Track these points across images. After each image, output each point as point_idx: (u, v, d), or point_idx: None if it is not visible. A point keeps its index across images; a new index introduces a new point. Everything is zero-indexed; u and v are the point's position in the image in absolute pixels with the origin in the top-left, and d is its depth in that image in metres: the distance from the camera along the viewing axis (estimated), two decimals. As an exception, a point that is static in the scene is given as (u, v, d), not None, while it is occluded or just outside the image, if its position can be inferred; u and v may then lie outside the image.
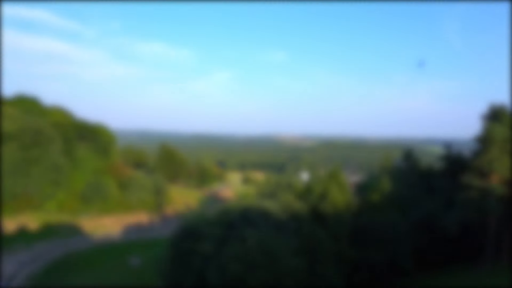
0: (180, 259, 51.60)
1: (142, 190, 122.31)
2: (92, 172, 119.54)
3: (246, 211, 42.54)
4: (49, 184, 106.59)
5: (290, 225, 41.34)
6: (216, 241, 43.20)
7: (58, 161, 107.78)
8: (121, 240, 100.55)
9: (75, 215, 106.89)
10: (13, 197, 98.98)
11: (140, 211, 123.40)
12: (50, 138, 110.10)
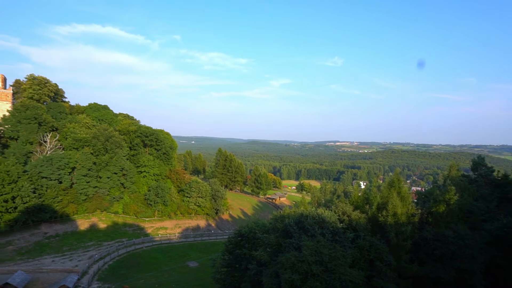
0: (236, 264, 52.39)
1: (200, 195, 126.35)
2: (155, 176, 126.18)
3: (301, 219, 42.02)
4: (117, 187, 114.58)
5: (346, 235, 40.01)
6: (271, 248, 43.21)
7: (125, 166, 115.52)
8: (180, 242, 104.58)
9: (139, 217, 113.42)
10: (86, 198, 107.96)
11: (198, 215, 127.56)
12: (118, 144, 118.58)
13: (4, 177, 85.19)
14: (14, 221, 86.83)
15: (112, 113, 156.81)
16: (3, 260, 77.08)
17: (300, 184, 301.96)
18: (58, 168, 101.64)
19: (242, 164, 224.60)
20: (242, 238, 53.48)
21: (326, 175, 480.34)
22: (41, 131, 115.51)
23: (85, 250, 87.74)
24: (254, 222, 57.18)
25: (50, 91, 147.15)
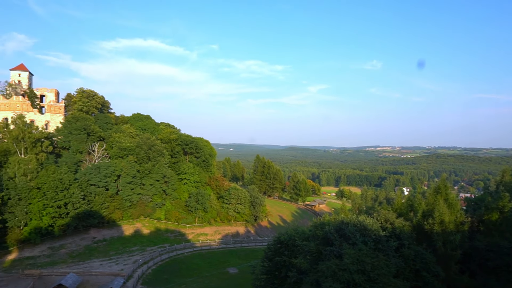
0: (276, 271, 52.11)
1: (239, 202, 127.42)
2: (195, 183, 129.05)
3: (342, 227, 41.13)
4: (159, 194, 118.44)
5: (390, 244, 38.54)
6: (311, 255, 42.62)
7: (166, 173, 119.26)
8: (220, 248, 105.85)
9: (180, 223, 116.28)
10: (131, 204, 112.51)
11: (237, 221, 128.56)
12: (160, 152, 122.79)
13: (58, 185, 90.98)
14: (66, 226, 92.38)
15: (154, 123, 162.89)
16: (57, 263, 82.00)
17: (339, 190, 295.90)
18: (105, 176, 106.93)
19: (280, 170, 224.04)
20: (282, 245, 53.18)
21: (366, 181, 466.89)
22: (89, 141, 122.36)
23: (130, 254, 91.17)
24: (293, 229, 56.71)
25: (98, 103, 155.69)
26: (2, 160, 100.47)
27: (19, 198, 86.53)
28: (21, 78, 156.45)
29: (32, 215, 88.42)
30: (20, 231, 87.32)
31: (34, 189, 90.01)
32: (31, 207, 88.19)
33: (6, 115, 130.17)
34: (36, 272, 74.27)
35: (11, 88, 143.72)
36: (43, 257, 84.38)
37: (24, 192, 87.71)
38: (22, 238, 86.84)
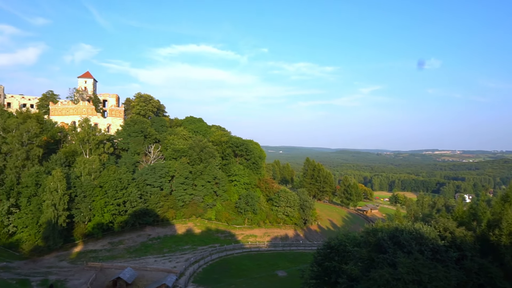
0: (325, 276, 51.04)
1: (288, 205, 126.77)
2: (245, 185, 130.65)
3: (396, 234, 39.23)
4: (210, 195, 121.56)
5: (450, 254, 36.01)
6: (363, 262, 41.18)
7: (217, 175, 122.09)
8: (269, 250, 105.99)
9: (230, 224, 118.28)
10: (183, 204, 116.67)
11: (286, 224, 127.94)
12: (212, 154, 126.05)
13: (118, 184, 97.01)
14: (124, 223, 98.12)
15: (206, 125, 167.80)
16: (116, 257, 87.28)
17: (393, 195, 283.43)
18: (160, 176, 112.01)
19: (330, 174, 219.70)
20: (332, 250, 52.01)
21: (423, 187, 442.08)
22: (146, 143, 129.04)
23: (182, 253, 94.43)
24: (344, 234, 55.29)
25: (154, 106, 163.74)
26: (70, 160, 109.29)
27: (84, 196, 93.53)
28: (87, 85, 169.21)
29: (95, 211, 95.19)
30: (84, 226, 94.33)
31: (97, 187, 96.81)
32: (94, 204, 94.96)
33: (74, 119, 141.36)
34: (98, 264, 79.64)
35: (78, 94, 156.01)
36: (104, 251, 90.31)
37: (89, 190, 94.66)
38: (86, 232, 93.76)
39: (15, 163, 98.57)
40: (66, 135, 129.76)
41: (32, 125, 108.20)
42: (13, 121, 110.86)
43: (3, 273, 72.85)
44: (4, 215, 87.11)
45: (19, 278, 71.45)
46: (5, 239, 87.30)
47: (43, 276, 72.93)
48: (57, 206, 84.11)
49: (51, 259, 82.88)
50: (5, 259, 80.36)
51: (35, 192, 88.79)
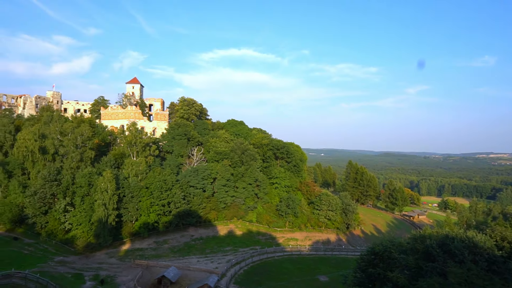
0: (369, 283, 49.38)
1: (330, 208, 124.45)
2: (286, 188, 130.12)
3: (446, 241, 37.12)
4: (251, 197, 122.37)
5: (509, 266, 33.40)
6: (409, 270, 39.40)
7: (258, 177, 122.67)
8: (310, 255, 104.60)
9: (271, 226, 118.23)
10: (225, 206, 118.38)
11: (328, 228, 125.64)
12: (253, 156, 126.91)
13: (162, 185, 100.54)
14: (169, 223, 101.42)
15: (247, 128, 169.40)
16: (161, 256, 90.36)
17: (443, 201, 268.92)
18: (202, 178, 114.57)
19: (374, 177, 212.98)
20: (376, 257, 50.23)
21: (476, 192, 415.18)
22: (189, 146, 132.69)
23: (224, 254, 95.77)
24: (389, 240, 53.19)
25: (197, 110, 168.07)
26: (119, 161, 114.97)
27: (132, 196, 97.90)
28: (134, 90, 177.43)
29: (141, 211, 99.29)
30: (132, 225, 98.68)
31: (143, 188, 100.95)
32: (140, 204, 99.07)
33: (123, 123, 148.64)
34: (144, 262, 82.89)
35: (126, 99, 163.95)
36: (150, 249, 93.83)
37: (136, 190, 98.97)
38: (133, 231, 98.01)
39: (70, 164, 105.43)
40: (115, 138, 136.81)
41: (85, 129, 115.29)
42: (69, 126, 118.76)
43: (60, 267, 78.13)
44: (61, 213, 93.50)
45: (74, 272, 76.21)
46: (61, 235, 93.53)
47: (95, 272, 77.17)
48: (107, 206, 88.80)
49: (102, 256, 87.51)
50: (62, 254, 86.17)
51: (88, 192, 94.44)
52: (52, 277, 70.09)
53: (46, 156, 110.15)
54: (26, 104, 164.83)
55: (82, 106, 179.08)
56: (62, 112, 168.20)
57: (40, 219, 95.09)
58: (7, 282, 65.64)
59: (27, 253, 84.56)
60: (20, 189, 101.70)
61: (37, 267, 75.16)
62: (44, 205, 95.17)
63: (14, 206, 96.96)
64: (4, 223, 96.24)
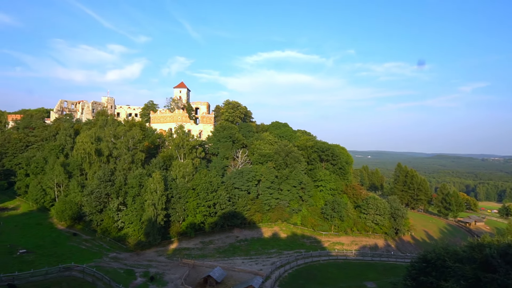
0: (420, 293, 46.89)
1: (378, 213, 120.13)
2: (331, 191, 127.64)
3: (509, 251, 34.27)
4: (295, 199, 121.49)
5: None
6: (466, 281, 36.83)
7: (303, 180, 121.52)
8: (357, 260, 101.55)
9: (315, 229, 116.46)
10: (269, 208, 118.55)
11: (376, 233, 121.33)
12: (297, 159, 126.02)
13: (208, 187, 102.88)
14: (214, 224, 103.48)
15: (291, 130, 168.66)
16: (207, 256, 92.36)
17: (504, 207, 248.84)
18: (247, 180, 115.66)
19: (425, 180, 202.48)
20: (428, 265, 47.58)
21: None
22: (234, 148, 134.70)
23: (268, 256, 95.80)
24: (442, 248, 50.15)
25: (241, 113, 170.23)
26: (167, 163, 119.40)
27: (179, 197, 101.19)
28: (181, 94, 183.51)
29: (188, 212, 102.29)
30: (179, 225, 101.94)
31: (190, 189, 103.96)
32: (187, 205, 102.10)
33: (171, 126, 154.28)
34: (191, 262, 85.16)
35: (174, 103, 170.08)
36: (196, 249, 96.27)
37: (183, 191, 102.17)
38: (180, 231, 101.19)
39: (123, 166, 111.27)
40: (164, 141, 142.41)
41: (136, 132, 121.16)
42: (121, 129, 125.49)
43: (113, 263, 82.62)
44: (114, 212, 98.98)
45: (126, 268, 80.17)
46: (115, 232, 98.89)
47: (145, 269, 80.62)
48: (156, 206, 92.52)
49: (151, 254, 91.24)
50: (115, 250, 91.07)
51: (138, 192, 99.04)
52: (106, 271, 74.27)
53: (101, 158, 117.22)
54: (84, 109, 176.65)
55: (133, 110, 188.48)
56: (115, 116, 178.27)
57: (96, 217, 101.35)
58: (67, 274, 70.65)
59: (85, 248, 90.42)
60: (78, 189, 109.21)
61: (93, 262, 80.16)
62: (100, 204, 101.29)
63: (74, 204, 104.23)
64: (65, 219, 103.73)
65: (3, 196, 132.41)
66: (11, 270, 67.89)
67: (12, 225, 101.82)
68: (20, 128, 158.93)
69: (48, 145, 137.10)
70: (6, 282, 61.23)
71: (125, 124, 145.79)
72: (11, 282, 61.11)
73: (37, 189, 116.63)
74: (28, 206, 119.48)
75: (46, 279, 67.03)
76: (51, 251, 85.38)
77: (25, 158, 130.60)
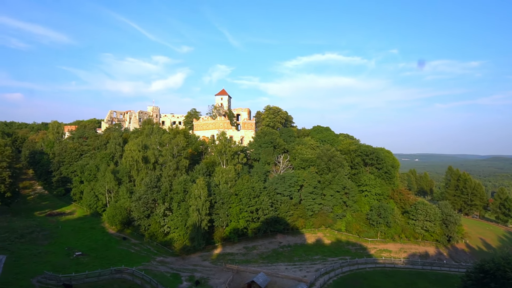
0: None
1: (428, 219, 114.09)
2: (376, 196, 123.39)
3: None
4: (339, 205, 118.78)
5: None
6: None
7: (346, 185, 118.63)
8: (406, 268, 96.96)
9: (361, 236, 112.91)
10: (312, 214, 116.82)
11: (426, 241, 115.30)
12: (340, 163, 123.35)
13: (251, 192, 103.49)
14: (257, 230, 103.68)
15: (333, 134, 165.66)
16: (250, 261, 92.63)
17: None
18: (289, 186, 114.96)
19: (480, 184, 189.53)
20: (486, 275, 44.44)
21: None
22: (275, 153, 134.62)
23: (312, 262, 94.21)
24: (502, 257, 46.65)
25: (282, 118, 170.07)
26: (210, 169, 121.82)
27: (222, 202, 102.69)
28: (223, 101, 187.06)
29: (231, 217, 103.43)
30: (223, 230, 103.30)
31: (233, 195, 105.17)
32: (230, 211, 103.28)
33: (213, 133, 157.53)
34: (235, 267, 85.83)
35: (216, 110, 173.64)
36: (240, 254, 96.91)
37: (226, 197, 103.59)
38: (224, 236, 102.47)
39: (168, 172, 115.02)
40: (206, 148, 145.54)
41: (180, 140, 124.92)
42: (166, 137, 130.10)
43: (160, 266, 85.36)
44: (160, 217, 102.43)
45: (172, 272, 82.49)
46: (161, 237, 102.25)
47: (190, 273, 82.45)
48: (200, 211, 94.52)
49: (196, 258, 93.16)
50: (161, 254, 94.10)
51: (183, 198, 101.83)
52: (154, 275, 76.90)
53: (148, 165, 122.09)
54: (131, 119, 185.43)
55: (177, 118, 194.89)
56: (160, 124, 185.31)
57: (144, 222, 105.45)
58: (118, 276, 73.97)
59: (134, 252, 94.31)
60: (127, 195, 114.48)
61: (142, 265, 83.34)
62: (147, 209, 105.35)
63: (123, 210, 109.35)
64: (115, 224, 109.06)
65: (61, 201, 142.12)
66: (69, 271, 72.39)
67: (69, 228, 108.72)
68: (75, 138, 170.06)
69: (99, 153, 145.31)
70: (63, 282, 65.35)
71: (169, 132, 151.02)
72: (67, 282, 65.09)
73: (90, 195, 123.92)
74: (83, 211, 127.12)
75: (100, 281, 70.61)
76: (103, 254, 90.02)
77: (79, 166, 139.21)
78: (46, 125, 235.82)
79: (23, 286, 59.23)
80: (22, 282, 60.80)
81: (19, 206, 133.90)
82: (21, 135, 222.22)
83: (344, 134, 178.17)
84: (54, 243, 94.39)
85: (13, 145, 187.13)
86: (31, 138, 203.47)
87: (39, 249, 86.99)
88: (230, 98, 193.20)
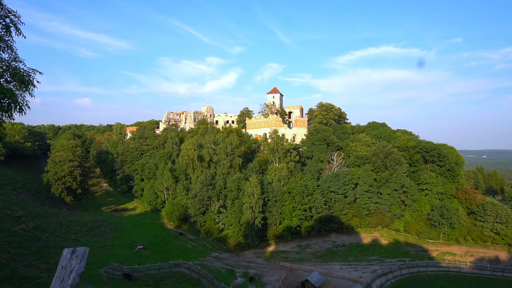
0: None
1: (498, 220, 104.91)
2: (438, 195, 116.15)
3: None
4: (397, 204, 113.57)
5: None
6: None
7: (404, 183, 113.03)
8: (473, 273, 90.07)
9: (421, 237, 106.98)
10: (368, 213, 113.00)
11: (496, 244, 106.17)
12: (398, 160, 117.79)
13: (304, 190, 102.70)
14: (311, 228, 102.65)
15: (390, 130, 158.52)
16: (304, 260, 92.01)
17: None
18: (343, 184, 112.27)
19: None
20: None
21: None
22: (329, 151, 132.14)
23: (368, 263, 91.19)
24: None
25: (335, 114, 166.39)
26: (263, 167, 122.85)
27: (275, 200, 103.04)
28: (274, 99, 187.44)
29: (284, 215, 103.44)
30: (276, 228, 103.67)
31: (286, 193, 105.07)
32: (283, 208, 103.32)
33: (265, 131, 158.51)
34: (288, 265, 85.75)
35: (268, 108, 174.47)
36: (293, 253, 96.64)
37: (279, 195, 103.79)
38: (277, 234, 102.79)
39: (222, 171, 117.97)
40: (259, 146, 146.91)
41: (234, 139, 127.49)
42: (220, 136, 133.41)
43: (215, 262, 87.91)
44: (215, 214, 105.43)
45: (227, 268, 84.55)
46: (216, 233, 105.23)
47: (244, 269, 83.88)
48: (253, 209, 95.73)
49: (250, 255, 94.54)
50: (217, 250, 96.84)
51: (237, 195, 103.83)
52: (209, 270, 79.35)
53: (203, 163, 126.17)
54: (187, 119, 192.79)
55: (230, 117, 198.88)
56: (214, 124, 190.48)
57: (199, 218, 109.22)
58: (176, 270, 77.40)
59: (190, 247, 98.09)
60: (184, 192, 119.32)
61: (198, 260, 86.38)
62: (202, 206, 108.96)
63: (180, 206, 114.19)
64: (173, 220, 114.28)
65: (124, 198, 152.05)
66: (132, 263, 77.23)
67: (131, 224, 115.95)
68: (136, 138, 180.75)
69: (158, 152, 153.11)
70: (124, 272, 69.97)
71: (223, 131, 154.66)
72: (127, 272, 69.58)
73: (150, 192, 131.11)
74: (144, 207, 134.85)
75: (159, 273, 74.43)
76: (163, 248, 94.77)
77: (140, 164, 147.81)
78: (110, 126, 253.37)
79: (93, 275, 64.21)
80: (92, 272, 65.95)
81: (88, 202, 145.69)
82: (89, 137, 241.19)
83: (402, 130, 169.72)
84: (118, 237, 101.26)
85: (83, 145, 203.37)
86: (98, 139, 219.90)
87: (106, 242, 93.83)
88: (282, 96, 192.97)
